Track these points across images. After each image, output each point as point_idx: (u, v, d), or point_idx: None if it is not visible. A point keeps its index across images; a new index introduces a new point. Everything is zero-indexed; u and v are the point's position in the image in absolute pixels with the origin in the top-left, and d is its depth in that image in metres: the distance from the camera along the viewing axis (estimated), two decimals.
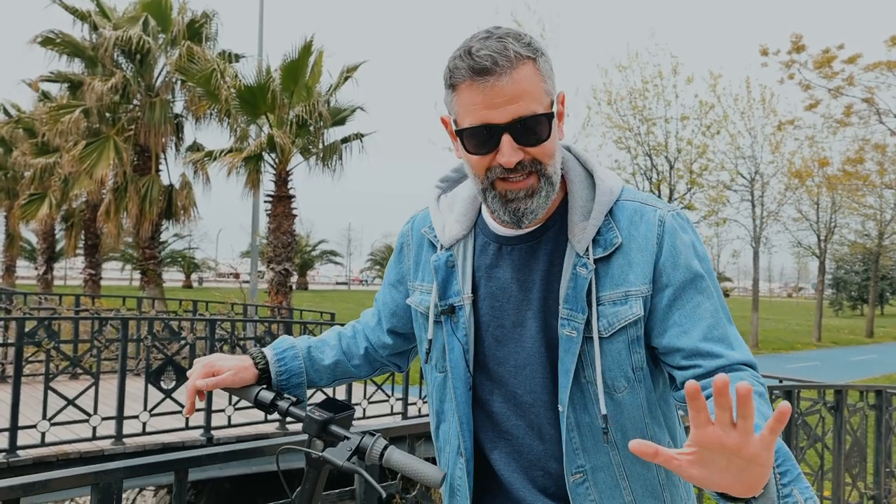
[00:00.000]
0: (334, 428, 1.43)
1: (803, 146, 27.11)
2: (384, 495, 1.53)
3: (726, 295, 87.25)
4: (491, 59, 1.22)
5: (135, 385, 7.85)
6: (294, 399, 1.53)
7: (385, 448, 1.39)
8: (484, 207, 1.46)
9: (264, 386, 1.58)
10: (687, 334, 1.28)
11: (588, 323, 1.32)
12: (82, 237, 22.84)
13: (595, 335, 1.31)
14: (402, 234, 1.62)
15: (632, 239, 1.33)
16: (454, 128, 1.34)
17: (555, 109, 1.31)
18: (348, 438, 1.40)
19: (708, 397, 1.18)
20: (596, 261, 1.33)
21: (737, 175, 27.28)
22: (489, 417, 1.46)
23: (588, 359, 1.33)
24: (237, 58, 18.61)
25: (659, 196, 23.66)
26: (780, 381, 7.56)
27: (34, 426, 6.39)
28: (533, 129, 1.26)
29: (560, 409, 1.35)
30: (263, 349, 1.65)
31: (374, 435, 1.41)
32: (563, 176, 1.41)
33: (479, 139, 1.28)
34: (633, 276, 1.32)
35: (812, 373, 19.02)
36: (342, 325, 1.84)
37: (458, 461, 1.48)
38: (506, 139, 1.25)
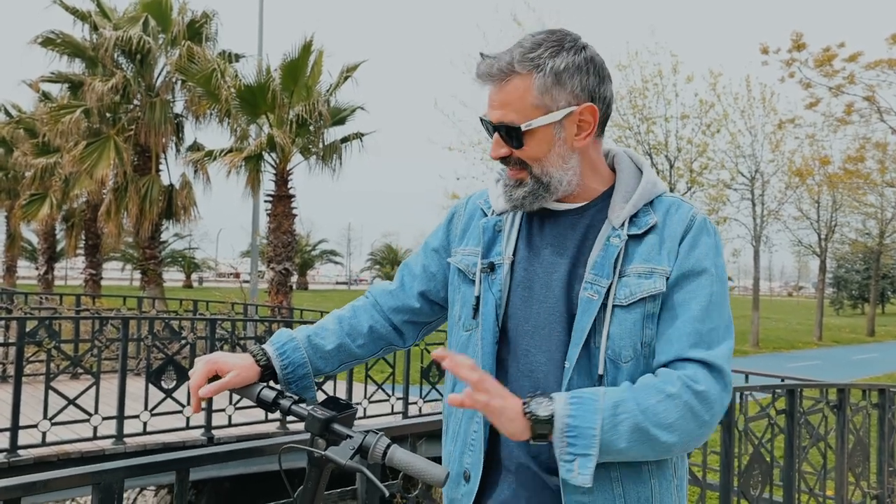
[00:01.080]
0: (337, 426, 1.42)
1: (804, 145, 27.04)
2: (387, 494, 1.53)
3: None
4: (489, 67, 1.43)
5: (135, 385, 7.84)
6: (296, 397, 1.53)
7: (388, 447, 1.39)
8: None
9: (266, 384, 1.57)
10: (674, 321, 1.40)
11: (609, 291, 1.41)
12: (83, 237, 22.85)
13: (610, 303, 1.40)
14: (456, 206, 1.74)
15: (665, 225, 1.46)
16: None
17: (541, 122, 1.42)
18: (351, 437, 1.39)
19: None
20: (629, 236, 1.44)
21: (737, 174, 27.24)
22: (502, 377, 1.51)
23: (600, 325, 1.41)
24: (237, 58, 18.61)
25: None
26: (782, 380, 7.54)
27: (35, 426, 6.39)
28: (509, 136, 1.44)
29: (566, 364, 1.42)
30: (264, 346, 1.66)
31: (377, 433, 1.41)
32: (612, 168, 1.57)
33: (485, 129, 1.50)
34: (660, 257, 1.43)
35: (814, 372, 19.01)
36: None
37: (476, 415, 1.52)
38: (495, 136, 1.47)
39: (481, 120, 1.50)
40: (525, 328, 1.49)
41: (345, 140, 16.56)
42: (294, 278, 16.75)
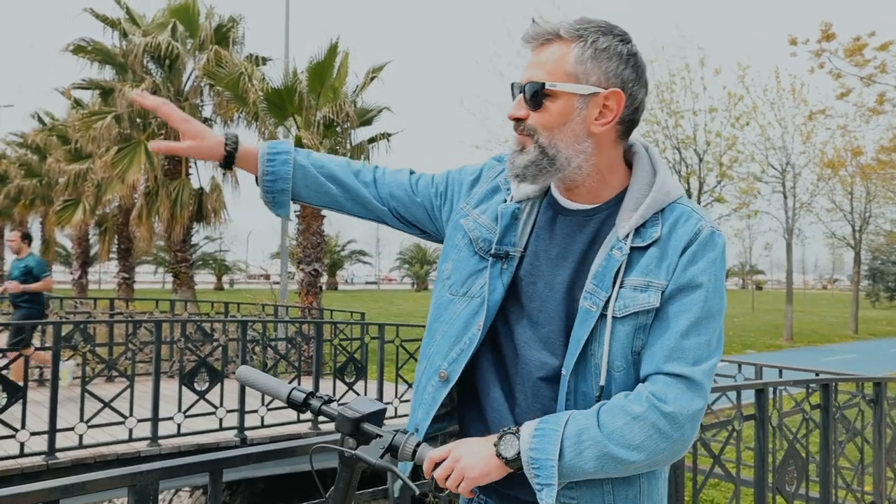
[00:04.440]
0: (367, 426, 1.43)
1: (835, 136, 26.58)
2: (417, 493, 1.53)
3: (759, 288, 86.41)
4: (533, 32, 1.46)
5: (169, 387, 7.94)
6: (326, 397, 1.54)
7: (418, 445, 1.39)
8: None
9: (296, 386, 1.58)
10: (662, 334, 1.40)
11: (608, 302, 1.42)
12: (115, 241, 23.14)
13: (609, 314, 1.41)
14: (488, 167, 1.72)
15: (669, 237, 1.45)
16: None
17: (569, 89, 1.42)
18: (381, 436, 1.40)
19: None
20: (632, 248, 1.44)
21: (767, 166, 26.88)
22: (493, 364, 1.56)
23: (598, 335, 1.42)
24: (264, 61, 18.72)
25: (688, 189, 23.32)
26: (817, 375, 7.45)
27: (72, 429, 6.50)
28: (532, 95, 1.44)
29: (563, 372, 1.44)
30: (243, 142, 1.72)
31: (406, 433, 1.41)
32: (631, 167, 1.54)
33: (512, 95, 1.51)
34: (658, 271, 1.42)
35: (849, 366, 18.70)
36: (375, 324, 1.89)
37: (433, 380, 1.59)
38: (518, 97, 1.48)
39: (512, 86, 1.50)
40: (525, 321, 1.52)
41: (372, 140, 16.59)
42: (324, 279, 16.83)
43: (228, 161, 1.71)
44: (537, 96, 1.43)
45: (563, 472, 1.35)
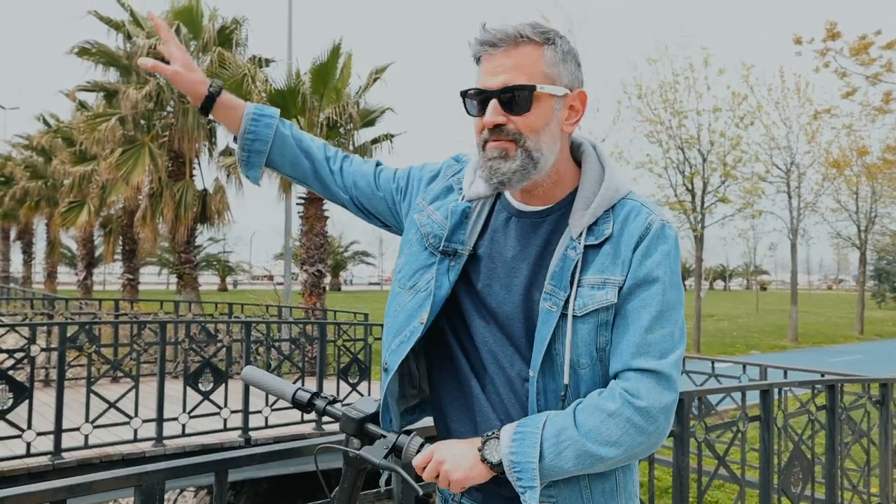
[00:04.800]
0: (371, 427, 1.44)
1: (840, 135, 26.52)
2: (421, 493, 1.53)
3: (763, 289, 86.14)
4: (495, 35, 1.43)
5: (173, 387, 7.95)
6: (331, 398, 1.54)
7: (421, 445, 1.40)
8: None
9: (301, 386, 1.59)
10: (626, 330, 1.42)
11: (567, 301, 1.43)
12: (120, 243, 23.21)
13: (570, 313, 1.42)
14: (447, 166, 1.74)
15: (621, 234, 1.46)
16: None
17: (552, 91, 1.44)
18: (385, 437, 1.41)
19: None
20: (586, 247, 1.46)
21: (772, 166, 26.84)
22: (450, 362, 1.58)
23: (561, 334, 1.43)
24: (267, 62, 18.74)
25: (692, 189, 23.28)
26: (822, 375, 7.43)
27: (77, 429, 6.52)
28: (517, 98, 1.41)
29: (531, 374, 1.46)
30: (231, 93, 1.78)
31: (410, 433, 1.42)
32: (580, 167, 1.56)
33: (473, 101, 1.47)
34: (614, 267, 1.44)
35: (855, 366, 18.66)
36: (379, 325, 1.91)
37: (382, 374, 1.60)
38: (492, 103, 1.43)
39: (465, 94, 1.48)
40: (486, 321, 1.54)
41: (375, 141, 16.62)
42: (327, 280, 16.85)
43: (207, 103, 1.74)
44: (526, 100, 1.42)
45: (545, 472, 1.37)
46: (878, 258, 57.46)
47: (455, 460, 1.40)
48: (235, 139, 1.78)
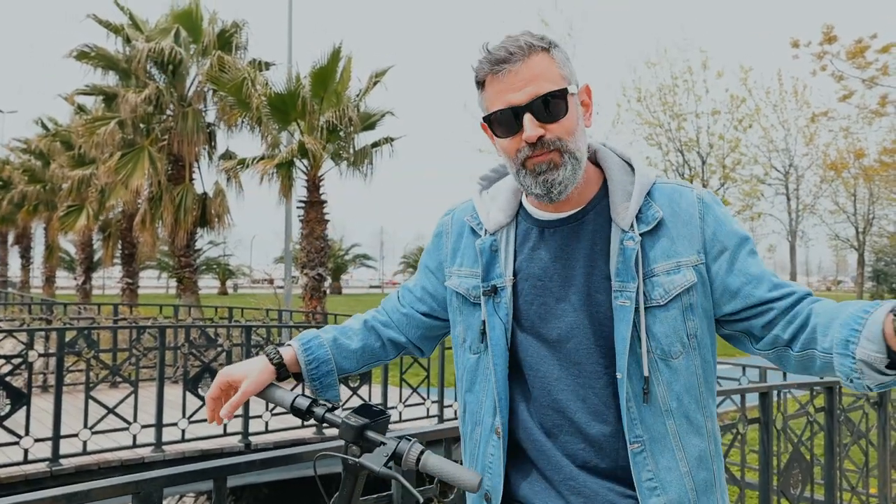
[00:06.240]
0: (370, 433, 1.43)
1: (838, 137, 26.60)
2: (421, 500, 1.53)
3: None
4: (506, 51, 1.39)
5: (173, 392, 7.95)
6: (330, 405, 1.54)
7: (421, 453, 1.39)
8: (524, 197, 1.57)
9: (300, 393, 1.58)
10: (757, 288, 1.42)
11: (638, 293, 1.41)
12: (119, 247, 23.21)
13: (641, 305, 1.40)
14: (442, 224, 1.71)
15: (675, 215, 1.45)
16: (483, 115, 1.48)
17: (573, 90, 1.44)
18: (384, 444, 1.40)
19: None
20: (641, 234, 1.44)
21: (770, 169, 26.95)
22: (527, 395, 1.53)
23: (637, 329, 1.41)
24: (267, 66, 18.76)
25: None
26: (821, 377, 7.42)
27: (76, 435, 6.50)
28: (551, 105, 1.39)
29: (619, 376, 1.42)
30: (280, 347, 1.68)
31: (409, 440, 1.41)
32: (599, 164, 1.55)
33: (504, 121, 1.42)
34: (681, 248, 1.44)
35: None
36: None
37: (492, 439, 1.54)
38: (527, 117, 1.39)
39: (490, 118, 1.44)
40: (550, 343, 1.49)
41: (375, 145, 16.61)
42: (327, 283, 16.85)
43: (282, 372, 1.66)
44: (561, 105, 1.40)
45: None
46: (876, 259, 57.23)
47: None
48: (298, 377, 1.69)
